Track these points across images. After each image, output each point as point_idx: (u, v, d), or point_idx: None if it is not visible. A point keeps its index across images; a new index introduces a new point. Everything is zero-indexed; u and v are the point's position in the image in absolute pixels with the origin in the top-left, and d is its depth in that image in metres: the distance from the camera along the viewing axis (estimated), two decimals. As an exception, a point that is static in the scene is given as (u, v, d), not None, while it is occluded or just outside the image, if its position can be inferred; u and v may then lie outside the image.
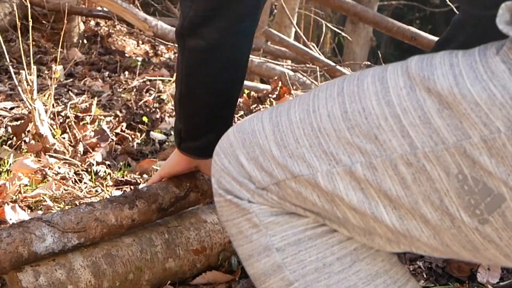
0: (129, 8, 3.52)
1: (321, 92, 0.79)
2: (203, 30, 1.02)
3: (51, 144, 2.07)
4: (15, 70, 2.83)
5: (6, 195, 1.72)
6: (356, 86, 0.75)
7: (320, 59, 3.17)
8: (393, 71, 0.74)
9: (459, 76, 0.67)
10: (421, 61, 0.72)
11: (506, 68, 0.64)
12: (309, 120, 0.77)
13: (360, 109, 0.73)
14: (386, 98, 0.72)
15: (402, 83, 0.72)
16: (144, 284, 1.29)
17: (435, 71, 0.69)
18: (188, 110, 1.17)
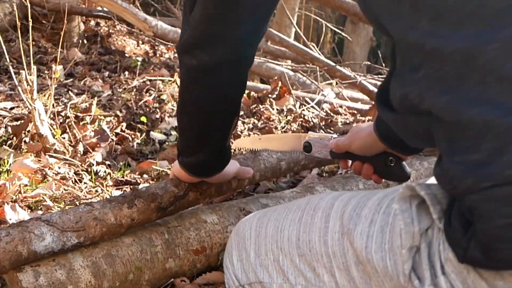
0: (129, 8, 3.52)
1: (290, 213, 0.90)
2: (196, 51, 1.05)
3: (51, 144, 2.07)
4: (15, 70, 2.83)
5: (6, 195, 1.72)
6: (310, 217, 0.86)
7: (320, 59, 3.17)
8: (336, 210, 0.83)
9: (370, 239, 0.76)
10: (354, 208, 0.80)
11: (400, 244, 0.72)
12: (276, 238, 0.89)
13: (307, 241, 0.84)
14: (325, 238, 0.82)
15: (338, 227, 0.81)
16: (144, 284, 1.29)
17: (357, 227, 0.78)
18: (181, 124, 1.21)
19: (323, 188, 1.65)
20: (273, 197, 1.58)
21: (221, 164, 1.28)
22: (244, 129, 2.52)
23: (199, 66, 1.06)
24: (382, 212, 0.77)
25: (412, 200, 0.73)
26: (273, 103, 2.83)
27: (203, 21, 1.01)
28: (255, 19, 1.03)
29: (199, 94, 1.11)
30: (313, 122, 2.59)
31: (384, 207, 0.77)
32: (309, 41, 3.81)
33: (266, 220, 0.93)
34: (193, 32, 1.03)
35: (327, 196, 0.88)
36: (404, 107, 0.73)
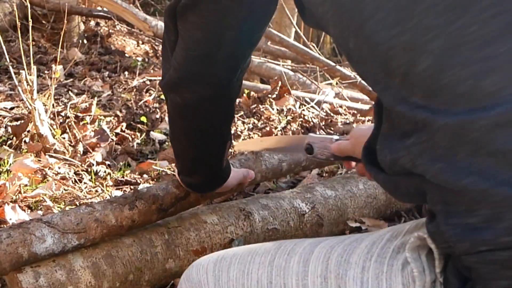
0: (129, 8, 3.52)
1: (257, 256, 0.88)
2: (180, 89, 1.06)
3: (51, 144, 2.07)
4: (15, 70, 2.83)
5: (6, 195, 1.72)
6: (285, 261, 0.84)
7: (320, 59, 3.17)
8: (318, 255, 0.82)
9: (365, 284, 0.75)
10: (341, 255, 0.80)
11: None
12: (242, 281, 0.87)
13: (282, 284, 0.82)
14: (304, 281, 0.81)
15: (320, 271, 0.80)
16: (144, 285, 1.29)
17: (348, 272, 0.77)
18: (175, 150, 1.24)
19: (323, 188, 1.65)
20: (273, 197, 1.58)
21: (220, 182, 1.31)
22: (244, 129, 2.52)
23: (184, 103, 1.08)
24: (374, 260, 0.77)
25: (421, 251, 0.75)
26: (273, 103, 2.83)
27: (185, 62, 1.02)
28: (236, 58, 1.05)
29: (187, 127, 1.14)
30: (313, 122, 2.59)
31: (375, 255, 0.78)
32: (309, 41, 3.81)
33: (227, 264, 0.90)
34: (176, 72, 1.04)
35: (302, 242, 0.87)
36: (394, 170, 0.74)
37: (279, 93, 2.92)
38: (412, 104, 0.69)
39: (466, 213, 0.65)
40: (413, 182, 0.72)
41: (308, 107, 2.82)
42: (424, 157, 0.68)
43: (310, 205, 1.58)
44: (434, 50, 0.67)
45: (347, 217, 1.65)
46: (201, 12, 0.97)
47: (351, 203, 1.65)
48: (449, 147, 0.66)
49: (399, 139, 0.71)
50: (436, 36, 0.67)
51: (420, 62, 0.67)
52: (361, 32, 0.72)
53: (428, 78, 0.67)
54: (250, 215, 1.47)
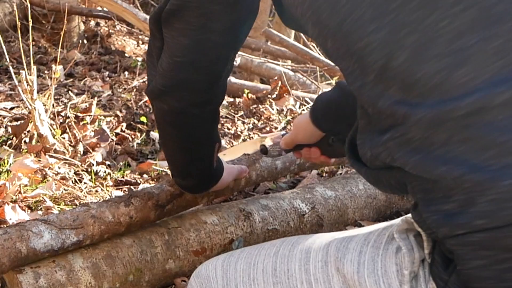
0: (129, 8, 3.52)
1: (263, 249, 0.94)
2: (165, 98, 1.08)
3: (51, 144, 2.07)
4: (15, 70, 2.83)
5: (6, 195, 1.72)
6: (288, 250, 0.90)
7: (320, 59, 3.17)
8: (319, 243, 0.88)
9: (362, 265, 0.80)
10: (341, 242, 0.85)
11: (395, 270, 0.78)
12: (248, 271, 0.92)
13: (286, 270, 0.88)
14: (306, 266, 0.86)
15: (320, 257, 0.86)
16: (144, 285, 1.29)
17: (347, 255, 0.83)
18: (165, 155, 1.26)
19: (323, 189, 1.65)
20: (273, 198, 1.58)
21: (213, 182, 1.32)
22: (244, 129, 2.52)
23: (170, 110, 1.10)
24: (370, 245, 0.82)
25: (409, 232, 0.80)
26: (273, 103, 2.83)
27: (171, 68, 1.03)
28: (221, 63, 1.06)
29: (174, 133, 1.16)
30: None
31: (371, 242, 0.83)
32: (309, 41, 3.81)
33: (234, 259, 0.95)
34: (161, 79, 1.05)
35: (305, 236, 0.93)
36: (376, 165, 0.78)
37: (279, 93, 2.92)
38: (388, 99, 0.72)
39: (443, 200, 0.69)
40: (393, 175, 0.76)
41: (308, 107, 2.82)
42: (401, 151, 0.72)
43: (310, 206, 1.58)
44: (409, 45, 0.70)
45: (347, 217, 1.65)
46: (185, 18, 0.98)
47: (351, 204, 1.66)
48: (425, 138, 0.69)
49: (377, 134, 0.75)
50: (411, 31, 0.70)
51: (396, 56, 0.71)
52: (338, 31, 0.76)
53: (404, 72, 0.71)
54: (250, 216, 1.47)
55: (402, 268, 0.77)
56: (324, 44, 0.81)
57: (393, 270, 0.78)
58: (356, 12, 0.74)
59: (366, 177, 0.83)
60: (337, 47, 0.78)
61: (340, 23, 0.75)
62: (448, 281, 0.72)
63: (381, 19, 0.72)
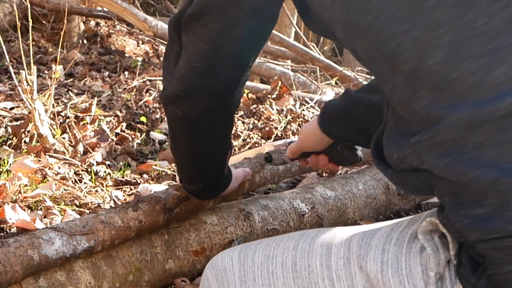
0: (129, 8, 3.52)
1: (282, 243, 0.93)
2: (180, 103, 1.07)
3: (51, 144, 2.07)
4: (15, 70, 2.83)
5: (6, 195, 1.71)
6: (308, 245, 0.89)
7: (320, 59, 3.17)
8: (340, 239, 0.87)
9: (385, 264, 0.79)
10: (362, 238, 0.84)
11: (421, 271, 0.76)
12: (266, 264, 0.91)
13: (306, 265, 0.87)
14: (327, 262, 0.85)
15: (342, 253, 0.85)
16: (144, 285, 1.29)
17: (370, 253, 0.81)
18: (176, 159, 1.24)
19: (323, 189, 1.65)
20: (273, 198, 1.58)
21: (222, 189, 1.31)
22: (244, 129, 2.52)
23: (184, 116, 1.08)
24: (393, 243, 0.81)
25: (433, 234, 0.78)
26: (273, 103, 2.83)
27: (188, 73, 1.02)
28: (239, 69, 1.05)
29: (188, 138, 1.15)
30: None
31: (394, 239, 0.81)
32: (309, 41, 3.81)
33: (252, 251, 0.94)
34: (178, 84, 1.04)
35: (325, 229, 0.92)
36: (401, 167, 0.77)
37: (279, 93, 2.92)
38: (421, 101, 0.71)
39: (475, 204, 0.68)
40: (420, 178, 0.75)
41: (308, 107, 2.82)
42: (430, 154, 0.70)
43: (310, 206, 1.58)
44: (444, 44, 0.69)
45: (347, 217, 1.65)
46: (206, 22, 0.97)
47: (350, 204, 1.66)
48: (457, 140, 0.68)
49: (405, 137, 0.74)
50: (446, 31, 0.69)
51: (430, 56, 0.70)
52: (369, 31, 0.75)
53: (439, 72, 0.70)
54: (250, 216, 1.47)
55: (427, 269, 0.76)
56: (354, 46, 0.80)
57: (418, 271, 0.77)
58: (388, 11, 0.73)
59: (392, 179, 0.82)
60: (367, 48, 0.77)
61: (371, 22, 0.74)
62: (477, 285, 0.71)
63: (415, 18, 0.71)
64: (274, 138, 2.43)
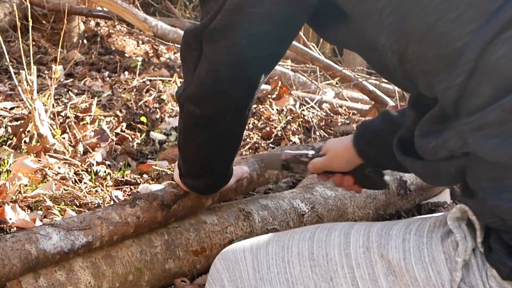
0: (129, 8, 3.52)
1: (296, 234, 0.94)
2: (199, 103, 1.08)
3: (51, 144, 2.07)
4: (15, 70, 2.83)
5: (6, 195, 1.72)
6: (325, 235, 0.90)
7: (320, 59, 3.17)
8: (358, 229, 0.88)
9: (407, 252, 0.81)
10: (382, 228, 0.86)
11: (444, 258, 0.79)
12: (281, 254, 0.92)
13: (324, 254, 0.88)
14: (346, 251, 0.86)
15: (361, 242, 0.86)
16: (143, 285, 1.30)
17: (390, 242, 0.83)
18: (184, 155, 1.24)
19: (322, 189, 1.65)
20: (273, 197, 1.58)
21: (223, 184, 1.32)
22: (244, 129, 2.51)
23: (203, 114, 1.09)
24: (413, 233, 0.82)
25: (460, 221, 0.80)
26: (273, 103, 2.83)
27: (210, 81, 1.03)
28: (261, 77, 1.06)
29: (202, 136, 1.15)
30: (313, 122, 2.59)
31: (413, 230, 0.83)
32: (309, 41, 3.81)
33: (264, 243, 0.95)
34: (198, 88, 1.05)
35: (341, 223, 0.93)
36: (438, 155, 0.78)
37: (279, 93, 2.92)
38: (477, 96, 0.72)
39: None
40: (455, 164, 0.76)
41: (308, 107, 2.82)
42: (476, 135, 0.72)
43: (309, 206, 1.58)
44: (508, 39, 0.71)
45: (347, 217, 1.65)
46: (232, 37, 0.98)
47: (350, 204, 1.66)
48: (503, 122, 0.70)
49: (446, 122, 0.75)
50: None
51: (494, 51, 0.71)
52: (428, 34, 0.77)
53: (502, 66, 0.71)
54: (249, 216, 1.47)
55: (451, 256, 0.78)
56: (402, 50, 0.81)
57: (442, 258, 0.79)
58: (451, 13, 0.75)
59: (423, 170, 0.83)
60: (424, 51, 0.78)
61: (431, 25, 0.76)
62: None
63: (482, 18, 0.73)
64: (274, 138, 2.43)
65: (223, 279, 0.98)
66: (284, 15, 0.95)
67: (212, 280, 1.01)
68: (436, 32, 0.76)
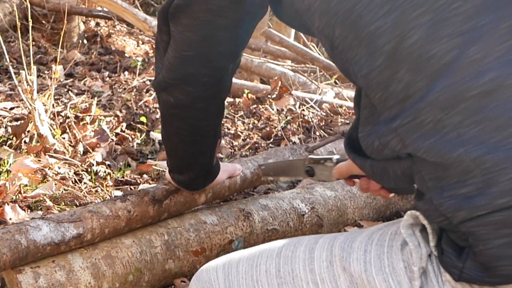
0: (129, 8, 3.52)
1: (265, 252, 0.93)
2: (172, 90, 1.09)
3: (51, 144, 2.07)
4: (15, 70, 2.83)
5: (6, 195, 1.72)
6: (291, 251, 0.89)
7: (320, 59, 3.17)
8: (322, 244, 0.87)
9: (368, 264, 0.80)
10: (345, 241, 0.85)
11: (403, 267, 0.78)
12: (251, 273, 0.91)
13: (290, 270, 0.87)
14: (310, 266, 0.86)
15: (325, 256, 0.85)
16: (143, 285, 1.30)
17: (352, 254, 0.82)
18: (167, 148, 1.26)
19: (322, 189, 1.65)
20: (273, 198, 1.58)
21: (210, 179, 1.33)
22: (244, 129, 2.52)
23: (176, 103, 1.10)
24: (375, 244, 0.82)
25: (414, 228, 0.79)
26: (273, 103, 2.83)
27: (178, 62, 1.04)
28: (228, 58, 1.07)
29: (179, 126, 1.16)
30: (313, 122, 2.59)
31: (375, 240, 0.83)
32: (309, 41, 3.81)
33: (235, 262, 0.95)
34: (168, 73, 1.06)
35: (307, 237, 0.93)
36: (383, 155, 0.78)
37: (279, 93, 2.92)
38: (399, 82, 0.73)
39: (459, 184, 0.70)
40: (401, 165, 0.77)
41: (308, 107, 2.82)
42: (413, 136, 0.72)
43: (309, 206, 1.58)
44: (422, 24, 0.73)
45: (347, 218, 1.65)
46: (193, 13, 0.99)
47: (350, 204, 1.66)
48: (436, 122, 0.70)
49: (384, 123, 0.76)
50: (424, 12, 0.73)
51: (409, 36, 0.73)
52: (348, 18, 0.78)
53: (417, 50, 0.72)
54: (249, 216, 1.47)
55: (410, 264, 0.77)
56: (331, 35, 0.81)
57: (401, 267, 0.78)
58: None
59: (371, 170, 0.83)
60: (346, 35, 0.79)
61: (350, 8, 0.77)
62: (463, 268, 0.72)
63: (394, 1, 0.74)
64: (274, 138, 2.43)
65: None
66: None
67: None
68: (354, 15, 0.77)
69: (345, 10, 0.78)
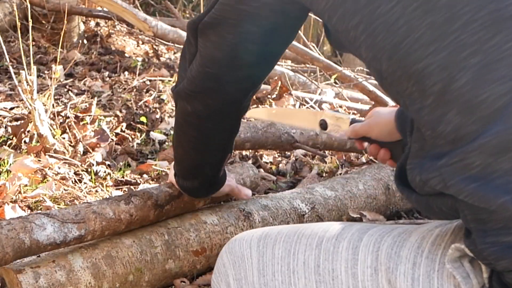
0: (129, 8, 3.52)
1: (304, 237, 0.88)
2: (191, 99, 1.09)
3: (51, 144, 2.07)
4: (15, 70, 2.83)
5: (6, 195, 1.72)
6: (333, 245, 0.84)
7: (320, 59, 3.17)
8: (367, 244, 0.82)
9: (416, 282, 0.75)
10: (391, 247, 0.79)
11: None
12: (287, 260, 0.87)
13: (330, 269, 0.83)
14: (353, 270, 0.81)
15: (370, 262, 0.80)
16: (144, 286, 1.29)
17: (399, 266, 0.77)
18: (177, 154, 1.26)
19: (323, 189, 1.65)
20: (273, 198, 1.58)
21: (215, 189, 1.34)
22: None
23: (194, 112, 1.10)
24: (425, 256, 0.77)
25: (463, 259, 0.75)
26: (273, 103, 2.83)
27: (200, 77, 1.04)
28: (251, 81, 1.07)
29: (193, 135, 1.17)
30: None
31: (426, 251, 0.78)
32: (309, 41, 3.81)
33: (271, 241, 0.91)
34: (189, 84, 1.06)
35: (351, 228, 0.87)
36: (425, 191, 0.74)
37: (279, 93, 2.92)
38: (448, 124, 0.70)
39: (503, 231, 0.66)
40: (445, 202, 0.73)
41: (307, 107, 2.82)
42: (456, 178, 0.68)
43: (310, 206, 1.58)
44: (472, 66, 0.68)
45: (347, 218, 1.65)
46: (222, 33, 0.98)
47: (351, 204, 1.66)
48: (486, 166, 0.67)
49: (430, 160, 0.72)
50: (473, 52, 0.69)
51: (457, 78, 0.69)
52: (395, 53, 0.74)
53: (466, 94, 0.69)
54: (250, 216, 1.47)
55: None
56: (379, 67, 0.78)
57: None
58: (414, 33, 0.72)
59: (416, 204, 0.79)
60: (393, 70, 0.76)
61: (396, 45, 0.74)
62: None
63: (441, 40, 0.70)
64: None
65: (229, 276, 0.95)
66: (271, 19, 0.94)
67: (219, 273, 0.98)
68: (401, 53, 0.74)
69: (392, 45, 0.74)
